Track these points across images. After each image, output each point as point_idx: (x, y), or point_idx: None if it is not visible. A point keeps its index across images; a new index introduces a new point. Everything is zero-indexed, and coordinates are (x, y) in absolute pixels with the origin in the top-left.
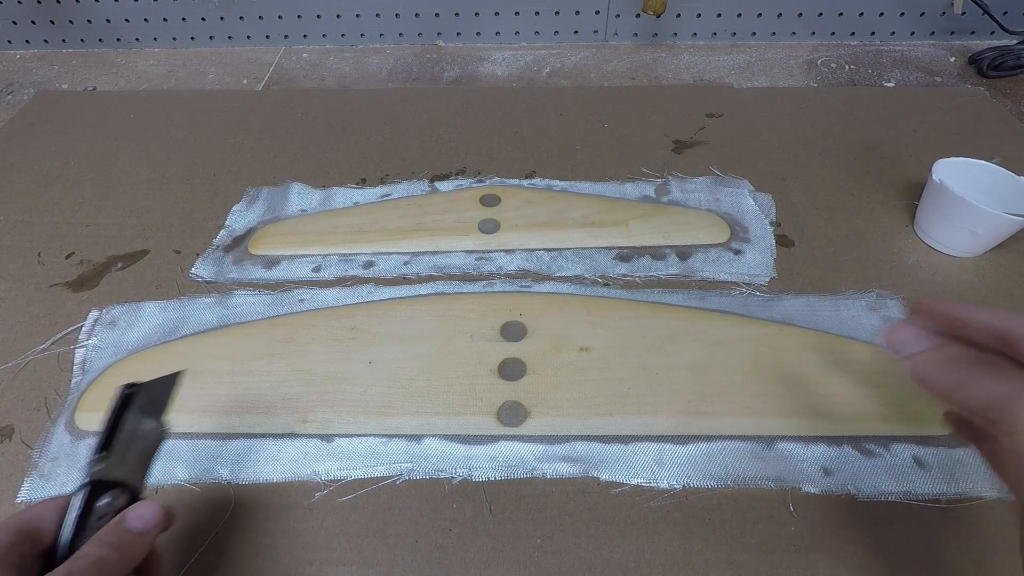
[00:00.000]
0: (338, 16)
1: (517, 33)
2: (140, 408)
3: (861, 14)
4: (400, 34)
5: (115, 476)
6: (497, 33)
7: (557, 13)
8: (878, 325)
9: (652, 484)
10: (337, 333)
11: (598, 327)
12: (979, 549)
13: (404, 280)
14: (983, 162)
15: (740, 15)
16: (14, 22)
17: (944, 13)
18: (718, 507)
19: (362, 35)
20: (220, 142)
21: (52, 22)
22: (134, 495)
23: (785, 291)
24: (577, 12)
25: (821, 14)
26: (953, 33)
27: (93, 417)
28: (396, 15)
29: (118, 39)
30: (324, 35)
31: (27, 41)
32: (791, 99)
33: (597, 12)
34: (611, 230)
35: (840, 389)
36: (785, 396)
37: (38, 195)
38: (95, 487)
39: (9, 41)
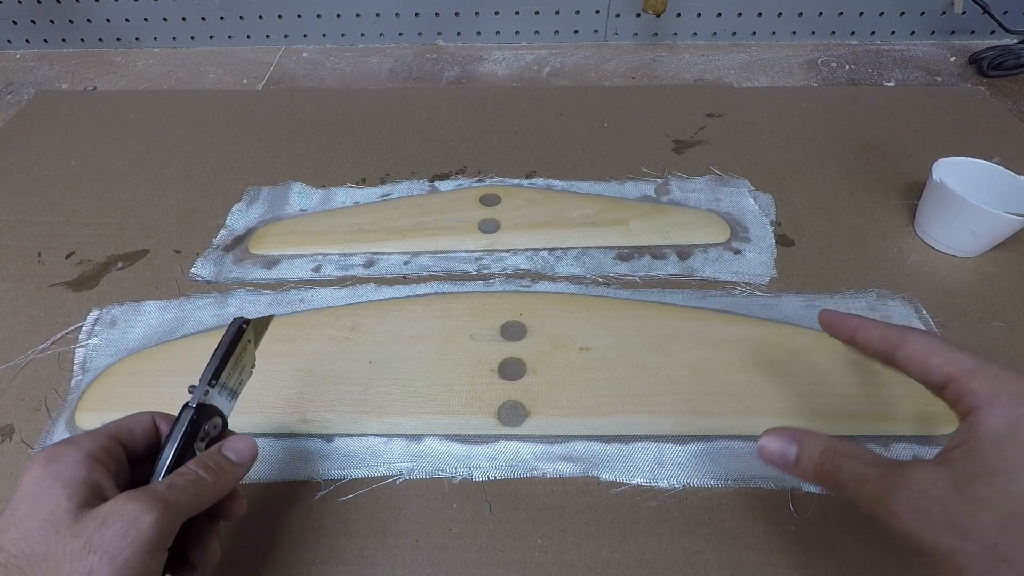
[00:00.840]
0: (338, 16)
1: (517, 33)
2: (245, 343)
3: (861, 14)
4: (400, 34)
5: (214, 404)
6: (497, 33)
7: (557, 13)
8: None
9: (652, 484)
10: (337, 333)
11: (598, 327)
12: None
13: (404, 280)
14: (983, 162)
15: (740, 15)
16: (14, 22)
17: (944, 12)
18: (718, 507)
19: (362, 35)
20: (220, 142)
21: (52, 22)
22: (224, 425)
23: (785, 291)
24: (577, 12)
25: (821, 14)
26: (953, 33)
27: (93, 417)
28: (396, 15)
29: (118, 39)
30: (324, 35)
31: (27, 41)
32: (791, 99)
33: (597, 12)
34: (611, 230)
35: (840, 389)
36: (785, 396)
37: (38, 195)
38: (201, 411)
39: (9, 41)
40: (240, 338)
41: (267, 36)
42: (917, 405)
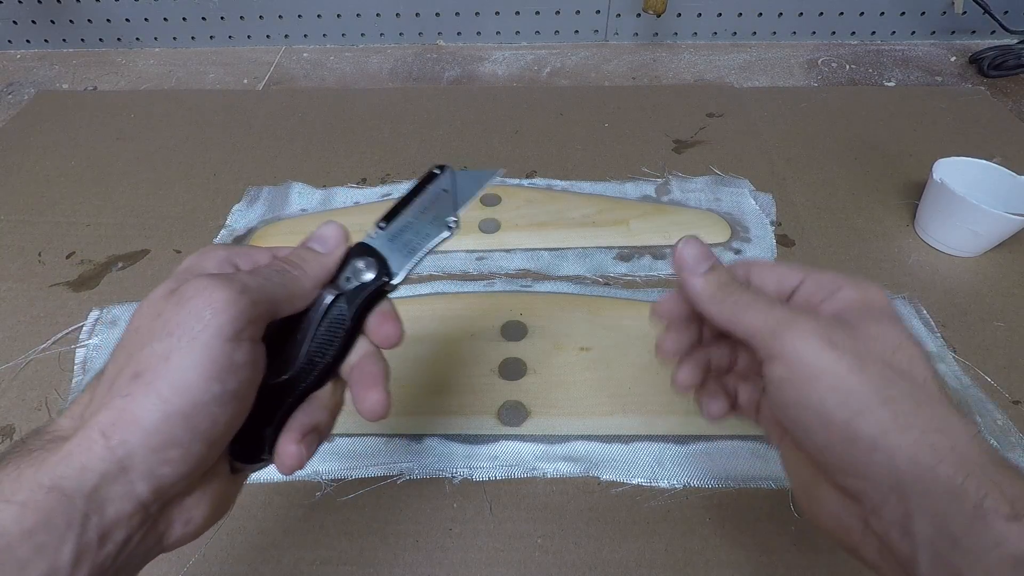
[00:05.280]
0: (338, 16)
1: (517, 33)
2: (436, 194)
3: (862, 13)
4: (400, 34)
5: (382, 250)
6: (497, 33)
7: (558, 13)
8: None
9: (652, 484)
10: None
11: (598, 327)
12: None
13: (404, 280)
14: (984, 161)
15: (741, 14)
16: (14, 22)
17: (945, 12)
18: (718, 507)
19: (362, 35)
20: (220, 142)
21: (53, 22)
22: (388, 274)
23: None
24: (578, 12)
25: (822, 13)
26: (954, 32)
27: None
28: (396, 15)
29: (118, 39)
30: (324, 35)
31: (28, 41)
32: (792, 98)
33: (598, 12)
34: (612, 229)
35: None
36: None
37: (38, 195)
38: (357, 249)
39: (9, 41)
40: (428, 183)
41: (267, 36)
42: None
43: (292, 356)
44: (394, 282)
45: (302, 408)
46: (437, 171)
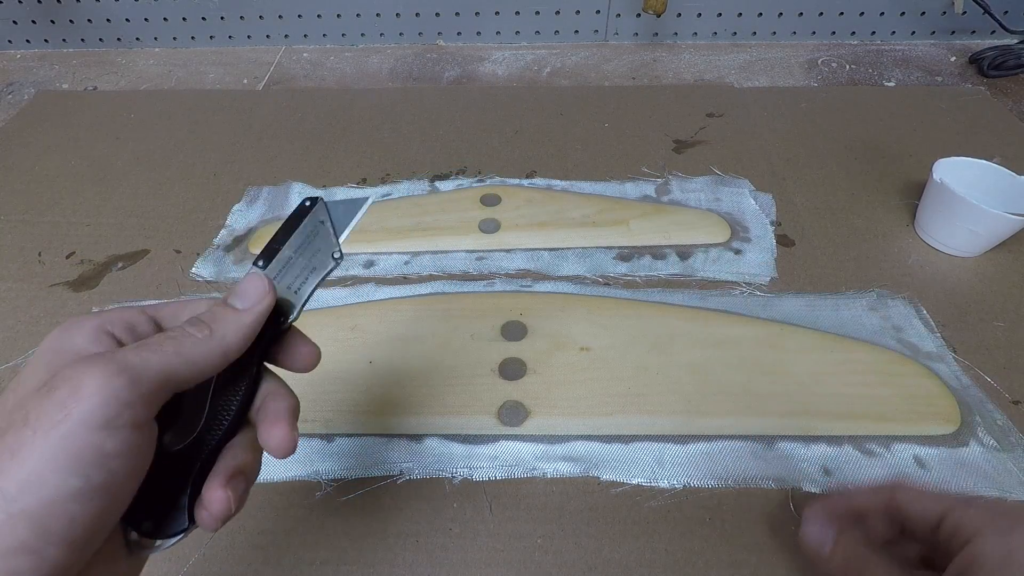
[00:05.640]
0: (338, 16)
1: (517, 33)
2: (314, 226)
3: (862, 13)
4: (400, 34)
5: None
6: (497, 33)
7: (557, 13)
8: (878, 325)
9: (652, 484)
10: (337, 333)
11: (598, 327)
12: None
13: (404, 280)
14: (983, 161)
15: (741, 14)
16: (14, 22)
17: (945, 12)
18: (718, 507)
19: (362, 35)
20: (220, 142)
21: (52, 22)
22: (285, 313)
23: (786, 291)
24: (577, 12)
25: (822, 13)
26: (954, 32)
27: None
28: (396, 15)
29: (118, 39)
30: (324, 35)
31: (27, 41)
32: (792, 98)
33: (598, 12)
34: (612, 229)
35: (840, 389)
36: (785, 396)
37: (38, 195)
38: None
39: (9, 41)
40: (302, 218)
41: (267, 36)
42: (917, 405)
43: (196, 415)
44: (288, 322)
45: (222, 455)
46: (308, 203)
